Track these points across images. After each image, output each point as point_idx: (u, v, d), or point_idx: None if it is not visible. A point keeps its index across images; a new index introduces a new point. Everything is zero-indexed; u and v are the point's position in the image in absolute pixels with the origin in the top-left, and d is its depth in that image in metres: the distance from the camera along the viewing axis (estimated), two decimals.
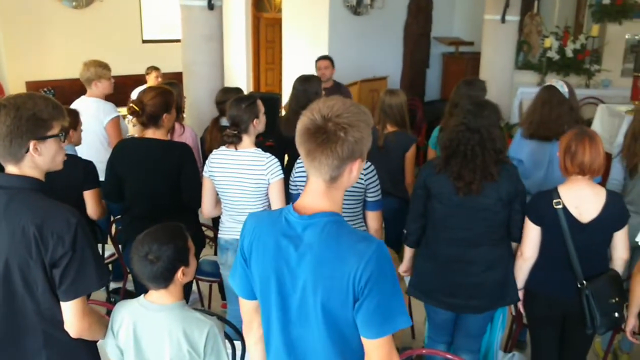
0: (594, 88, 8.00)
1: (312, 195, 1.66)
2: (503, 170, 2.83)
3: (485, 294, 2.96)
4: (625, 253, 2.86)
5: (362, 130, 1.60)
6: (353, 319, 1.62)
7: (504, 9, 7.14)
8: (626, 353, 3.92)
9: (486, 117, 2.84)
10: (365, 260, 1.56)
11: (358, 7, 8.55)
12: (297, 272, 1.65)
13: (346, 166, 1.61)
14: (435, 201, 2.94)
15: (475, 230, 2.89)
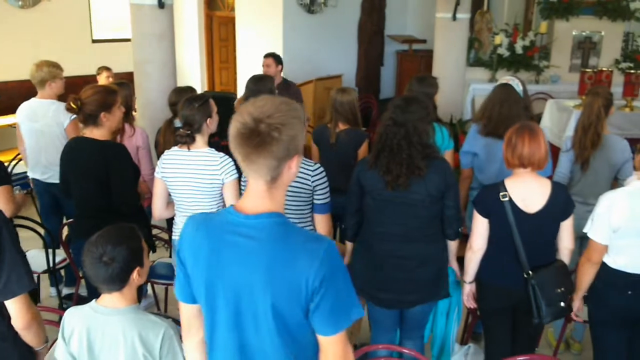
0: (543, 84, 8.20)
1: (254, 196, 1.65)
2: (432, 164, 2.87)
3: (418, 289, 3.01)
4: (571, 243, 2.94)
5: (295, 127, 1.60)
6: (304, 319, 1.63)
7: (454, 7, 7.25)
8: (578, 342, 4.04)
9: (413, 112, 2.88)
10: (318, 260, 1.57)
11: (312, 6, 8.56)
12: (244, 274, 1.63)
13: (284, 165, 1.61)
14: (368, 197, 2.98)
15: (407, 225, 2.93)
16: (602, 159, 3.68)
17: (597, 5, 8.16)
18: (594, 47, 8.34)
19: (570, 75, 8.01)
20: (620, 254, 2.82)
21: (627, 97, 6.26)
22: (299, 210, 3.04)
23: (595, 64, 8.17)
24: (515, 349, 3.04)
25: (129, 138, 3.92)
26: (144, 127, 4.62)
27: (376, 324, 3.29)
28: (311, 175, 2.99)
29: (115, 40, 9.17)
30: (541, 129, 2.92)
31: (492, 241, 2.95)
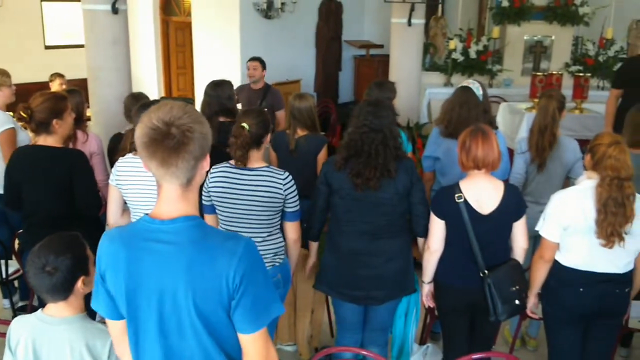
0: (496, 87, 8.35)
1: (169, 201, 1.65)
2: (400, 165, 2.97)
3: (385, 285, 3.08)
4: (524, 242, 3.01)
5: (205, 126, 1.63)
6: (228, 319, 1.65)
7: (409, 13, 7.35)
8: (533, 338, 4.13)
9: (385, 117, 2.98)
10: (237, 258, 1.60)
11: (269, 11, 8.57)
12: (165, 280, 1.63)
13: (199, 164, 1.63)
14: (336, 196, 3.04)
15: (375, 223, 3.01)
16: (556, 159, 3.79)
17: (547, 11, 8.35)
18: (545, 51, 8.55)
19: (522, 78, 8.19)
20: (571, 251, 2.89)
21: (576, 100, 6.45)
22: (270, 219, 3.03)
23: (547, 68, 8.37)
24: (473, 347, 3.09)
25: (83, 144, 3.85)
26: (99, 133, 4.56)
27: (342, 323, 3.32)
28: (282, 184, 2.97)
29: (68, 47, 9.03)
30: (493, 131, 3.00)
31: (449, 242, 3.01)
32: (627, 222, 2.71)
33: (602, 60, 8.49)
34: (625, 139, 3.66)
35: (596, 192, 2.74)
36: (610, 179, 2.70)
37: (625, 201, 2.69)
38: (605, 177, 2.71)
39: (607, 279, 2.85)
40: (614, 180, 2.70)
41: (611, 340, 3.10)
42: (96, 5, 5.06)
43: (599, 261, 2.83)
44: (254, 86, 6.01)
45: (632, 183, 2.73)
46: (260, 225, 2.98)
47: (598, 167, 2.77)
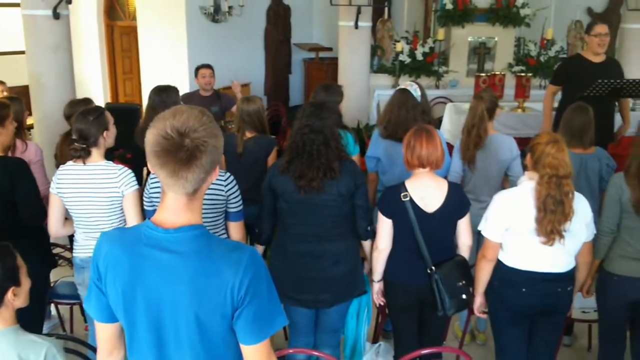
0: (443, 88, 8.52)
1: (173, 210, 1.62)
2: (343, 166, 2.99)
3: (334, 288, 3.10)
4: (469, 239, 3.09)
5: (219, 138, 1.60)
6: (229, 331, 1.63)
7: (356, 16, 7.42)
8: (482, 332, 4.22)
9: (327, 118, 3.00)
10: (242, 269, 1.57)
11: (216, 15, 8.52)
12: (167, 289, 1.60)
13: (209, 176, 1.61)
14: (281, 200, 3.05)
15: (321, 225, 3.03)
16: (490, 158, 3.87)
17: (490, 13, 8.55)
18: (489, 52, 8.76)
19: (467, 79, 8.36)
20: (513, 251, 2.95)
21: (518, 99, 6.63)
22: (214, 220, 3.03)
23: (491, 68, 8.56)
24: (423, 343, 3.15)
25: (22, 154, 3.75)
26: (41, 141, 4.46)
27: (294, 327, 3.32)
28: (224, 185, 2.98)
29: (9, 53, 8.77)
30: (437, 131, 3.06)
31: (396, 240, 3.05)
32: (566, 219, 2.78)
33: (543, 60, 8.76)
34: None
35: (535, 190, 2.81)
36: (549, 177, 2.77)
37: (563, 199, 2.76)
38: (544, 175, 2.78)
39: (549, 278, 2.92)
40: (553, 178, 2.76)
41: (555, 335, 3.20)
42: (36, 10, 4.94)
43: (541, 261, 2.90)
44: (204, 93, 5.95)
45: (571, 181, 2.81)
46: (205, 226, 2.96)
47: (537, 166, 2.83)
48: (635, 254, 3.07)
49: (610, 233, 3.11)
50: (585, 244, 2.97)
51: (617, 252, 3.12)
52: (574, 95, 4.64)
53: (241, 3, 8.70)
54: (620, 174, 3.10)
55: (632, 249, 3.07)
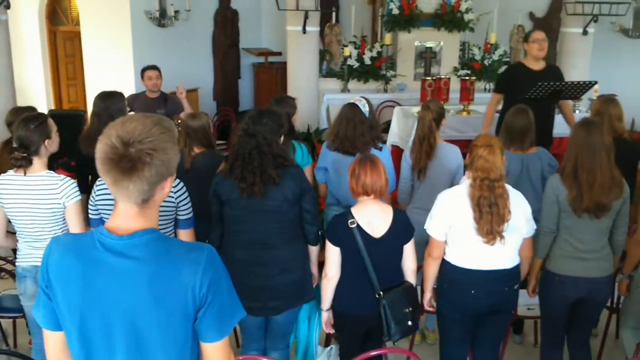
0: (391, 92, 8.61)
1: (125, 218, 1.60)
2: (286, 172, 2.98)
3: (282, 295, 3.08)
4: (413, 264, 3.09)
5: (169, 151, 1.57)
6: (190, 331, 1.63)
7: (304, 21, 7.45)
8: (432, 332, 4.27)
9: (264, 124, 2.99)
10: (201, 268, 1.58)
11: (162, 19, 8.42)
12: (125, 296, 1.58)
13: (157, 187, 1.59)
14: (227, 207, 3.03)
15: (267, 232, 3.01)
16: (438, 167, 3.94)
17: (435, 18, 8.69)
18: (435, 57, 8.91)
19: (415, 83, 8.48)
20: (458, 250, 3.02)
21: (463, 102, 6.76)
22: (164, 227, 2.99)
23: (437, 72, 8.70)
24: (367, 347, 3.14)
25: None
26: None
27: (246, 333, 3.31)
28: (174, 191, 2.96)
29: None
30: (380, 160, 3.06)
31: (345, 268, 3.03)
32: (502, 221, 2.86)
33: (487, 64, 8.98)
34: (502, 140, 3.92)
35: (469, 191, 2.89)
36: (481, 179, 2.84)
37: (497, 201, 2.84)
38: (476, 177, 2.86)
39: (495, 276, 2.98)
40: (485, 181, 2.84)
41: (501, 332, 3.28)
42: None
43: (486, 258, 2.96)
44: (151, 95, 5.89)
45: (503, 183, 2.89)
46: None
47: (471, 168, 2.92)
48: (575, 253, 3.16)
49: (550, 232, 3.20)
50: (525, 240, 3.06)
51: (558, 251, 3.21)
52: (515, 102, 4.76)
53: (188, 7, 8.62)
54: (557, 175, 3.20)
55: (571, 247, 3.16)
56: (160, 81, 5.85)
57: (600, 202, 3.03)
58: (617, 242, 3.24)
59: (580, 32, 8.49)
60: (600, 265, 3.18)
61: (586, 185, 3.02)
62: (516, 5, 9.76)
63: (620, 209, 3.13)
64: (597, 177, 3.02)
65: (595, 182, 3.01)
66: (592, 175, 3.02)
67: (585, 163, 3.04)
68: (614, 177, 3.05)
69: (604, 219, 3.10)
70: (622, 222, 3.19)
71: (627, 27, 9.52)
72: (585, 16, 8.28)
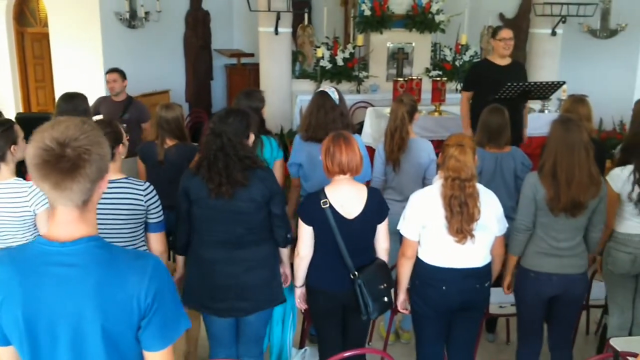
0: (363, 93, 8.62)
1: (65, 223, 1.57)
2: (254, 174, 2.96)
3: (249, 296, 3.07)
4: (386, 243, 3.13)
5: (103, 146, 1.57)
6: (134, 340, 1.62)
7: (276, 22, 7.44)
8: (407, 331, 4.30)
9: (230, 124, 2.97)
10: (147, 277, 1.57)
11: (132, 20, 8.33)
12: (70, 305, 1.55)
13: (97, 185, 1.58)
14: (195, 206, 3.01)
15: (235, 232, 3.00)
16: (410, 160, 3.98)
17: (407, 19, 8.73)
18: (407, 58, 8.95)
19: (387, 84, 8.49)
20: (431, 249, 3.03)
21: (435, 103, 6.81)
22: (133, 231, 2.96)
23: (409, 73, 8.74)
24: (347, 345, 3.16)
25: None
26: None
27: (214, 338, 3.27)
28: (143, 195, 2.93)
29: None
30: (353, 136, 3.10)
31: (318, 247, 3.05)
32: (472, 220, 2.89)
33: (458, 65, 9.06)
34: (478, 139, 3.96)
35: (441, 191, 2.92)
36: (452, 179, 2.87)
37: (467, 200, 2.87)
38: (448, 177, 2.88)
39: (467, 274, 3.01)
40: (455, 181, 2.86)
41: (474, 329, 3.31)
42: None
43: (458, 257, 2.98)
44: (116, 98, 5.84)
45: (474, 183, 2.91)
46: (122, 239, 2.91)
47: (443, 167, 2.94)
48: (550, 250, 3.19)
49: (526, 230, 3.22)
50: (497, 238, 3.09)
51: (533, 248, 3.24)
52: (486, 98, 4.84)
53: (158, 9, 8.55)
54: (535, 173, 3.22)
55: (546, 245, 3.19)
56: (118, 84, 5.78)
57: (578, 200, 3.05)
58: (592, 240, 3.27)
59: (549, 32, 8.62)
60: (575, 262, 3.22)
61: (564, 184, 3.03)
62: (486, 6, 9.89)
63: (596, 207, 3.16)
64: (576, 175, 3.03)
65: (573, 180, 3.03)
66: (570, 173, 3.03)
67: (564, 161, 3.05)
68: (592, 175, 3.07)
69: (580, 217, 3.12)
70: (598, 220, 3.22)
71: (594, 28, 9.68)
72: (553, 17, 8.42)
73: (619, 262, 3.43)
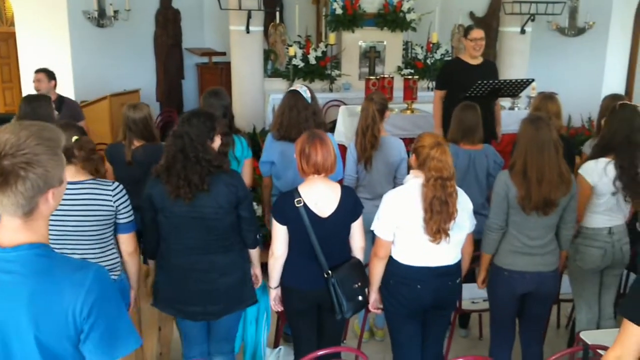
0: (336, 92, 8.64)
1: (9, 230, 1.52)
2: (218, 179, 2.91)
3: (221, 300, 3.04)
4: (362, 241, 3.14)
5: (46, 163, 1.48)
6: (75, 352, 1.55)
7: (247, 20, 7.39)
8: (381, 329, 4.31)
9: (194, 126, 2.91)
10: (84, 290, 1.51)
11: (101, 19, 8.23)
12: (5, 312, 1.51)
13: (38, 199, 1.51)
14: (160, 215, 2.97)
15: (203, 238, 2.96)
16: (381, 158, 3.98)
17: (378, 17, 8.77)
18: (379, 56, 8.99)
19: (359, 82, 8.50)
20: (405, 249, 3.03)
21: (407, 101, 6.84)
22: (101, 233, 2.91)
23: (381, 72, 8.76)
24: (322, 344, 3.16)
25: None
26: None
27: (186, 337, 3.26)
28: (112, 196, 2.88)
29: None
30: (328, 137, 3.09)
31: (292, 246, 3.04)
32: (450, 219, 2.90)
33: (430, 63, 9.12)
34: (452, 135, 3.98)
35: (422, 192, 2.91)
36: (435, 179, 2.87)
37: (448, 199, 2.88)
38: (430, 177, 2.88)
39: (440, 272, 3.02)
40: (438, 180, 2.87)
41: (445, 325, 3.34)
42: None
43: (431, 256, 2.99)
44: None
45: (454, 182, 2.92)
46: (91, 240, 2.87)
47: (423, 168, 2.93)
48: (522, 248, 3.22)
49: (499, 229, 3.24)
50: (467, 236, 3.10)
51: (507, 247, 3.26)
52: (458, 96, 4.87)
53: (127, 7, 8.45)
54: (506, 172, 3.23)
55: (519, 243, 3.22)
56: (44, 84, 5.63)
57: (548, 198, 3.08)
58: (564, 237, 3.31)
59: (518, 31, 8.71)
60: (547, 259, 3.25)
61: (535, 183, 3.06)
62: (457, 4, 9.96)
63: (567, 204, 3.19)
64: (546, 174, 3.06)
65: (543, 179, 3.05)
66: (540, 172, 3.06)
67: (534, 160, 3.07)
68: (562, 173, 3.10)
69: (552, 214, 3.15)
70: (570, 218, 3.25)
71: (563, 26, 9.83)
72: (522, 15, 8.50)
73: (590, 257, 3.48)
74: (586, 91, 9.09)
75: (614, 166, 3.35)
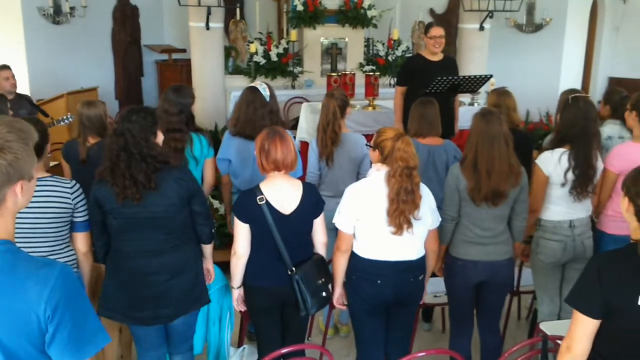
0: (298, 88, 8.63)
1: None
2: (168, 176, 2.85)
3: (172, 302, 2.97)
4: (324, 237, 3.14)
5: (17, 151, 1.47)
6: (39, 354, 1.51)
7: (207, 17, 7.32)
8: (345, 325, 4.32)
9: (134, 122, 2.82)
10: (49, 288, 1.47)
11: (57, 16, 8.05)
12: None
13: (7, 190, 1.48)
14: (110, 217, 2.88)
15: (154, 239, 2.89)
16: (343, 155, 3.99)
17: (339, 14, 8.80)
18: (341, 53, 9.01)
19: (322, 79, 8.49)
20: (366, 242, 3.05)
21: (369, 97, 6.86)
22: (58, 231, 2.86)
23: (344, 68, 8.78)
24: (287, 342, 3.16)
25: None
26: None
27: (140, 343, 3.15)
28: (70, 193, 2.83)
29: None
30: (288, 133, 3.08)
31: (255, 244, 3.02)
32: (415, 208, 2.93)
33: (391, 60, 9.19)
34: (412, 130, 4.00)
35: (389, 183, 2.92)
36: (402, 169, 2.89)
37: (414, 188, 2.91)
38: (397, 168, 2.90)
39: (402, 268, 3.04)
40: (405, 170, 2.89)
41: (410, 322, 3.36)
42: None
43: (393, 250, 3.01)
44: (9, 97, 5.56)
45: (417, 172, 2.96)
46: (48, 238, 2.82)
47: (389, 160, 2.95)
48: (475, 239, 3.28)
49: (452, 220, 3.30)
50: (430, 232, 3.14)
51: (460, 237, 3.32)
52: (418, 92, 4.91)
53: (84, 4, 8.28)
54: (457, 165, 3.30)
55: (472, 233, 3.28)
56: (13, 81, 5.60)
57: (497, 190, 3.15)
58: (517, 229, 3.36)
59: (477, 27, 8.84)
60: (499, 249, 3.31)
61: (484, 175, 3.13)
62: (417, 1, 10.05)
63: (517, 196, 3.26)
64: (496, 166, 3.12)
65: (493, 171, 3.12)
66: (490, 164, 3.12)
67: (485, 152, 3.14)
68: (511, 165, 3.17)
69: (502, 206, 3.22)
70: (521, 210, 3.32)
71: (520, 23, 10.01)
72: (481, 12, 8.63)
73: (550, 251, 3.53)
74: (544, 86, 9.28)
75: (568, 157, 3.41)
